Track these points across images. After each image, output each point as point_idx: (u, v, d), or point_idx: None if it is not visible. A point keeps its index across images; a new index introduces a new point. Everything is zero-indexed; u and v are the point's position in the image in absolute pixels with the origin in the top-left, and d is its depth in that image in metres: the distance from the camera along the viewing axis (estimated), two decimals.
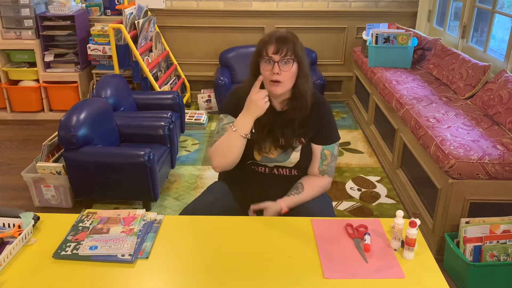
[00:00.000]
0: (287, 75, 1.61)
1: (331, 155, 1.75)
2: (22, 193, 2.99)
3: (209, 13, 4.42)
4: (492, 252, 2.12)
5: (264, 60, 1.61)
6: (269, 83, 1.62)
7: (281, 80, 1.60)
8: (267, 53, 1.60)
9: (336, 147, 1.77)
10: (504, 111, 2.52)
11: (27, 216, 1.49)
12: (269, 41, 1.60)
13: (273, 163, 1.74)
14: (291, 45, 1.60)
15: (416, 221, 1.38)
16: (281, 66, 1.59)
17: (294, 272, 1.33)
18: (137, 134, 2.98)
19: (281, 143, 1.71)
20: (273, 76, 1.60)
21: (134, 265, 1.36)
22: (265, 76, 1.61)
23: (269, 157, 1.72)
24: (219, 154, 1.68)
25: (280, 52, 1.59)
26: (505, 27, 3.13)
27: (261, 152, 1.71)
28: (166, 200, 2.93)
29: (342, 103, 4.77)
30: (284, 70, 1.60)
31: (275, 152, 1.72)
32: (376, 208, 2.87)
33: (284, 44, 1.59)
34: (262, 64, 1.62)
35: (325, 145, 1.74)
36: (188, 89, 4.63)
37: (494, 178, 2.17)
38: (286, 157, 1.72)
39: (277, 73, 1.59)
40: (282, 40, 1.60)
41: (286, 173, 1.77)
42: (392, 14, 4.42)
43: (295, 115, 1.68)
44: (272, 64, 1.59)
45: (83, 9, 4.24)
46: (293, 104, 1.69)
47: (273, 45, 1.59)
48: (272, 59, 1.59)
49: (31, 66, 4.13)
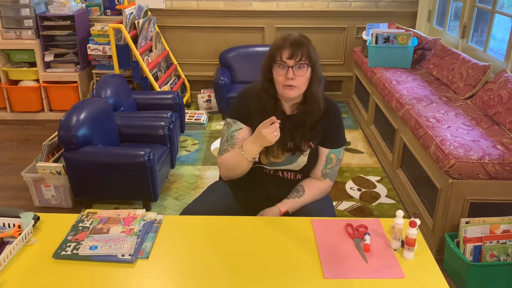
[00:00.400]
0: (301, 79, 1.59)
1: (337, 159, 1.74)
2: (22, 193, 2.99)
3: (209, 13, 4.42)
4: (492, 252, 2.12)
5: (278, 64, 1.58)
6: (282, 87, 1.60)
7: (295, 85, 1.58)
8: (281, 57, 1.57)
9: (342, 151, 1.75)
10: (504, 111, 2.52)
11: (27, 216, 1.49)
12: (283, 46, 1.57)
13: (279, 167, 1.73)
14: (305, 49, 1.57)
15: (416, 221, 1.38)
16: (295, 71, 1.57)
17: (294, 272, 1.33)
18: (137, 134, 2.98)
19: (289, 147, 1.69)
20: (287, 81, 1.57)
21: (134, 265, 1.36)
22: (279, 80, 1.59)
23: (275, 162, 1.71)
24: (227, 168, 1.69)
25: (295, 57, 1.56)
26: (505, 27, 3.13)
27: (268, 156, 1.69)
28: (166, 200, 2.93)
29: (342, 103, 4.77)
30: (298, 75, 1.57)
31: (282, 156, 1.70)
32: (376, 208, 2.87)
33: (298, 48, 1.56)
34: (276, 69, 1.59)
35: (332, 149, 1.72)
36: (188, 89, 4.63)
37: (494, 178, 2.17)
38: (293, 161, 1.71)
39: (292, 78, 1.57)
40: (297, 45, 1.57)
41: (291, 177, 1.76)
42: (392, 14, 4.42)
43: (306, 118, 1.66)
44: (286, 69, 1.57)
45: (83, 9, 4.24)
46: (304, 107, 1.66)
47: (287, 49, 1.56)
48: (286, 64, 1.57)
49: (31, 66, 4.13)
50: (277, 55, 1.58)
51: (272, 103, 1.66)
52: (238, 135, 1.69)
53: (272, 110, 1.66)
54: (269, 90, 1.65)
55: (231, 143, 1.68)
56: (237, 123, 1.71)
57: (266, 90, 1.66)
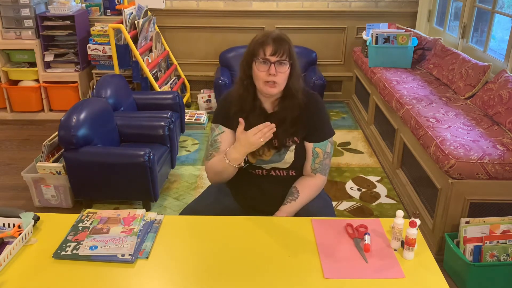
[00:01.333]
0: (282, 76, 1.61)
1: (324, 153, 1.73)
2: (22, 193, 2.99)
3: (209, 13, 4.42)
4: (492, 252, 2.12)
5: (260, 61, 1.59)
6: (263, 83, 1.61)
7: (276, 81, 1.60)
8: (264, 53, 1.59)
9: (328, 144, 1.74)
10: (504, 111, 2.52)
11: (27, 216, 1.49)
12: (266, 42, 1.59)
13: (268, 164, 1.73)
14: (287, 46, 1.60)
15: (416, 221, 1.38)
16: (277, 67, 1.58)
17: (294, 272, 1.33)
18: (137, 134, 2.98)
19: (274, 144, 1.69)
20: (269, 77, 1.59)
21: (134, 265, 1.36)
22: (260, 76, 1.60)
23: (263, 159, 1.71)
24: (214, 173, 1.70)
25: (278, 53, 1.58)
26: (505, 27, 3.14)
27: (255, 155, 1.70)
28: (166, 200, 2.93)
29: (342, 103, 4.77)
30: (280, 71, 1.59)
31: (268, 153, 1.70)
32: (376, 208, 2.87)
33: (281, 45, 1.58)
34: (258, 65, 1.60)
35: (316, 143, 1.72)
36: (188, 89, 4.63)
37: (494, 178, 2.17)
38: (281, 158, 1.71)
39: (274, 74, 1.58)
40: (280, 41, 1.59)
41: (284, 174, 1.75)
42: (392, 14, 4.42)
43: (286, 115, 1.67)
44: (268, 65, 1.58)
45: (83, 9, 4.24)
46: (284, 103, 1.68)
47: (270, 46, 1.58)
48: (269, 60, 1.58)
49: (31, 66, 4.13)
50: (260, 51, 1.59)
51: (250, 100, 1.67)
52: (220, 139, 1.71)
53: (251, 107, 1.67)
54: (248, 86, 1.66)
55: (215, 148, 1.71)
56: (219, 127, 1.73)
57: (245, 86, 1.66)
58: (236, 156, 1.60)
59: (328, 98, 4.65)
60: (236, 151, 1.60)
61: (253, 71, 1.63)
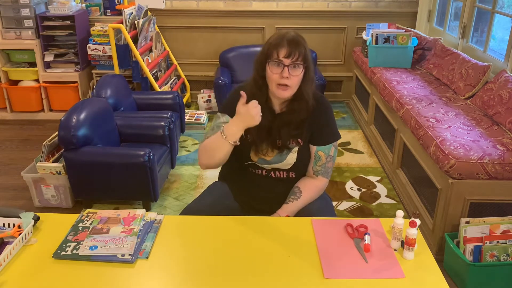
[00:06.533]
0: (295, 79, 1.58)
1: (326, 156, 1.72)
2: (22, 193, 2.99)
3: (209, 13, 4.42)
4: (492, 252, 2.12)
5: (273, 62, 1.57)
6: (275, 86, 1.59)
7: (289, 85, 1.58)
8: (278, 55, 1.56)
9: (332, 148, 1.73)
10: (504, 111, 2.52)
11: (27, 216, 1.49)
12: (281, 44, 1.56)
13: (269, 165, 1.72)
14: (302, 49, 1.56)
15: (416, 221, 1.38)
16: (290, 70, 1.56)
17: (294, 272, 1.33)
18: (137, 134, 2.98)
19: (278, 144, 1.69)
20: (282, 80, 1.57)
21: (134, 265, 1.36)
22: (273, 78, 1.58)
23: (265, 159, 1.71)
24: (206, 152, 1.65)
25: (292, 56, 1.55)
26: (505, 27, 3.13)
27: (258, 153, 1.69)
28: (166, 200, 2.93)
29: (342, 103, 4.77)
30: (293, 74, 1.56)
31: (271, 153, 1.70)
32: (376, 208, 2.87)
33: (296, 48, 1.55)
34: (271, 67, 1.58)
35: (319, 146, 1.71)
36: (188, 89, 4.63)
37: (494, 178, 2.17)
38: (282, 159, 1.70)
39: (287, 77, 1.56)
40: (295, 44, 1.56)
41: (283, 176, 1.75)
42: (392, 14, 4.42)
43: (292, 117, 1.66)
44: (281, 68, 1.56)
45: (83, 9, 4.24)
46: (293, 106, 1.66)
47: (285, 48, 1.55)
48: (282, 62, 1.56)
49: (31, 66, 4.12)
50: (273, 53, 1.57)
51: (263, 100, 1.65)
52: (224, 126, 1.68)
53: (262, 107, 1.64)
54: (262, 87, 1.64)
55: (215, 132, 1.65)
56: (225, 116, 1.70)
57: (258, 87, 1.65)
58: (233, 130, 1.56)
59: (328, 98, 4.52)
60: (235, 124, 1.57)
61: (266, 72, 1.61)
